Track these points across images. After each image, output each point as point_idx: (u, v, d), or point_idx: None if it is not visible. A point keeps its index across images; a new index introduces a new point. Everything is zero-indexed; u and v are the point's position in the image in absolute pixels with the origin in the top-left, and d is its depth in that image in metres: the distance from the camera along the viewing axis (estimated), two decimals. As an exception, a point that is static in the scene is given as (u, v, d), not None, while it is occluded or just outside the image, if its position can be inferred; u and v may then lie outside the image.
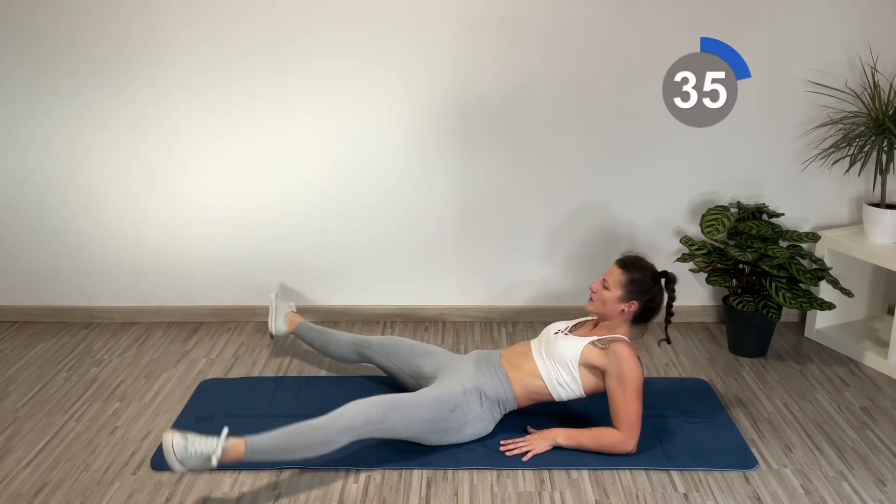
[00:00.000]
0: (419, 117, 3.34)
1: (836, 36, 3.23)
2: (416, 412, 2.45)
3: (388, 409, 2.42)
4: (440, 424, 2.47)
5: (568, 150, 3.39)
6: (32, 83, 3.28)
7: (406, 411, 2.44)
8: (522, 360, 2.62)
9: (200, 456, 2.20)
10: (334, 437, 2.35)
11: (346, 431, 2.36)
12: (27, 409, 2.84)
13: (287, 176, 3.42)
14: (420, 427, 2.45)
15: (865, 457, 2.53)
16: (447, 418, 2.48)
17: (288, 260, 3.54)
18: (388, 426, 2.41)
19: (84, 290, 3.59)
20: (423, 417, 2.45)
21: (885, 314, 3.56)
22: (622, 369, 2.46)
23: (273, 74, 3.27)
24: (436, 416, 2.46)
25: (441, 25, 3.21)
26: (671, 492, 2.35)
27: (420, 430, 2.46)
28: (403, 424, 2.43)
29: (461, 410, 2.50)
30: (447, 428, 2.49)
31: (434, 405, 2.47)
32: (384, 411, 2.41)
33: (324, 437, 2.34)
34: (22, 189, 3.44)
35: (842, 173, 3.38)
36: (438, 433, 2.49)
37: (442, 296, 3.61)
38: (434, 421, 2.46)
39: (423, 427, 2.46)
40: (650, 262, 2.62)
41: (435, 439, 2.50)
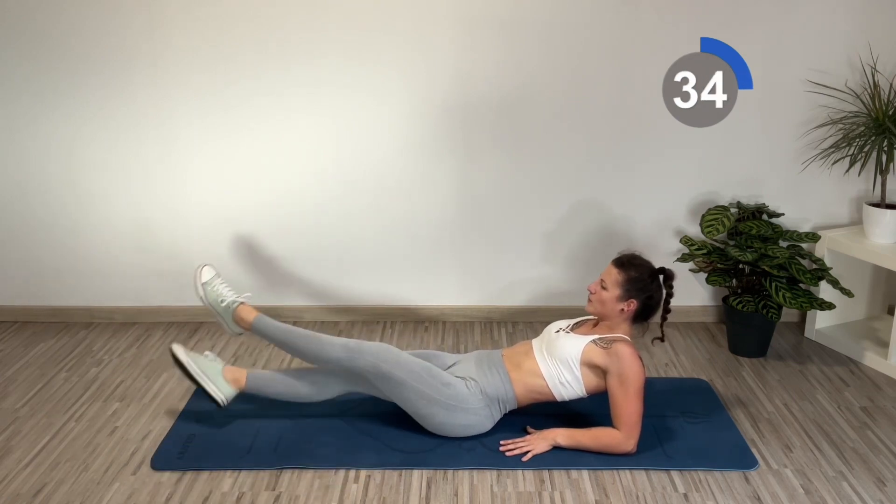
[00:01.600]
0: (419, 117, 3.34)
1: (836, 36, 3.23)
2: (412, 364, 2.54)
3: (385, 349, 2.56)
4: (430, 390, 2.51)
5: (568, 150, 3.39)
6: (32, 83, 3.28)
7: (401, 358, 2.55)
8: (524, 359, 2.62)
9: (217, 295, 2.70)
10: (328, 349, 2.55)
11: (340, 348, 2.54)
12: (27, 409, 2.84)
13: (287, 176, 3.42)
14: (410, 378, 2.50)
15: (865, 457, 2.53)
16: (438, 389, 2.51)
17: (288, 259, 3.54)
18: (380, 362, 2.52)
19: (84, 290, 3.59)
20: (416, 373, 2.52)
21: (885, 314, 3.56)
22: (624, 369, 2.46)
23: (273, 74, 3.27)
24: (427, 380, 2.52)
25: (441, 26, 3.22)
26: (671, 492, 2.35)
27: (410, 386, 2.50)
28: (394, 368, 2.52)
29: (453, 391, 2.52)
30: (436, 399, 2.51)
31: (428, 373, 2.54)
32: (381, 348, 2.55)
33: (318, 346, 2.56)
34: (22, 189, 3.44)
35: (842, 173, 3.38)
36: (428, 402, 2.51)
37: (442, 296, 3.61)
38: (424, 383, 2.51)
39: (415, 384, 2.50)
40: (647, 260, 2.62)
41: (424, 411, 2.52)
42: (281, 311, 3.58)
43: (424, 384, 2.52)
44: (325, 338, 2.60)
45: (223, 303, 2.72)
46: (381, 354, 2.55)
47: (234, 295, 2.75)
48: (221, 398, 2.62)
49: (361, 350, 2.55)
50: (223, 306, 2.73)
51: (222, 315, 2.74)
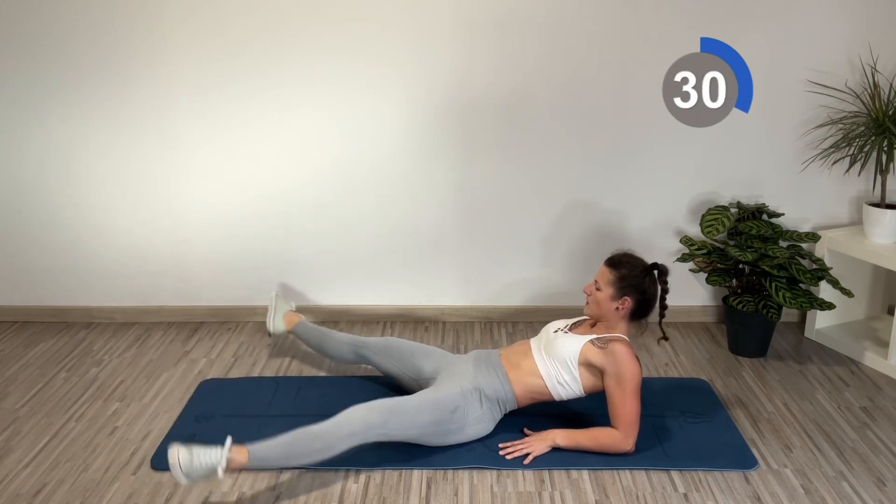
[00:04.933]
0: (419, 117, 3.34)
1: (836, 36, 3.23)
2: (416, 416, 2.44)
3: (388, 413, 2.42)
4: (441, 427, 2.47)
5: (568, 150, 3.39)
6: (32, 83, 3.28)
7: (406, 415, 2.43)
8: (522, 359, 2.62)
9: (206, 468, 2.21)
10: (335, 443, 2.35)
11: (348, 438, 2.36)
12: (27, 409, 2.84)
13: (287, 175, 3.42)
14: (421, 430, 2.45)
15: (865, 457, 2.53)
16: (448, 420, 2.48)
17: (288, 260, 3.54)
18: (389, 430, 2.41)
19: (84, 290, 3.59)
20: (423, 421, 2.45)
21: (885, 314, 3.56)
22: (620, 369, 2.46)
23: (273, 74, 3.27)
24: (436, 418, 2.46)
25: (441, 26, 3.22)
26: (671, 492, 2.35)
27: (421, 433, 2.46)
28: (404, 428, 2.43)
29: (461, 412, 2.50)
30: (448, 430, 2.49)
31: (434, 408, 2.47)
32: (385, 416, 2.41)
33: (325, 443, 2.34)
34: (22, 189, 3.44)
35: (842, 173, 3.38)
36: (440, 435, 2.49)
37: (442, 296, 3.61)
38: (435, 423, 2.46)
39: (424, 430, 2.46)
40: (639, 257, 2.62)
41: (436, 441, 2.50)
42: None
43: (436, 425, 2.47)
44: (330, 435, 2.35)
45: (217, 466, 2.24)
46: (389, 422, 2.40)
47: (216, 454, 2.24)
48: (270, 329, 3.15)
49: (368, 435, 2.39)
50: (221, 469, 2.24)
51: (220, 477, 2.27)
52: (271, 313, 3.17)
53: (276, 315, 3.17)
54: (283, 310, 3.19)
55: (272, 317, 3.17)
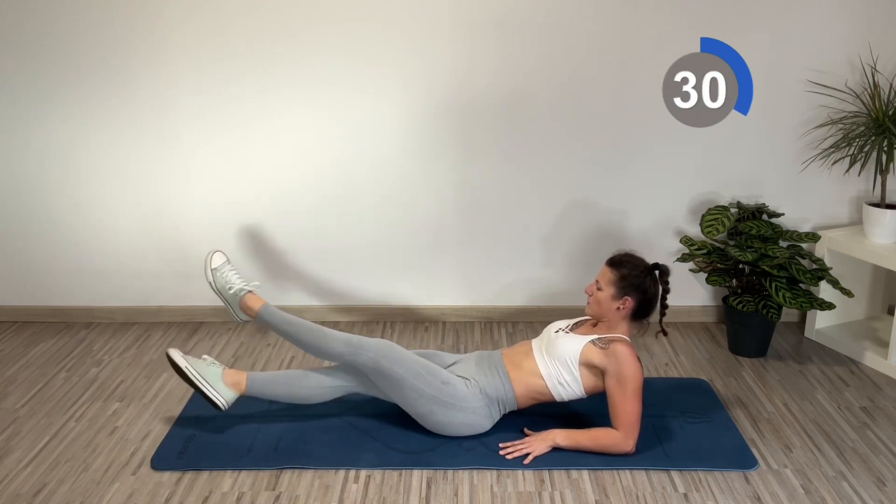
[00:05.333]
0: (419, 117, 3.34)
1: (836, 36, 3.23)
2: (411, 363, 2.55)
3: (386, 345, 2.58)
4: (429, 388, 2.51)
5: (568, 150, 3.39)
6: (31, 83, 3.28)
7: (402, 356, 2.56)
8: (524, 359, 2.62)
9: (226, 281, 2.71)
10: (329, 343, 2.59)
11: (342, 343, 2.58)
12: (27, 409, 2.84)
13: (287, 175, 3.42)
14: (409, 376, 2.52)
15: (865, 457, 2.53)
16: (437, 387, 2.52)
17: (288, 259, 3.54)
18: (380, 357, 2.54)
19: (84, 290, 3.59)
20: (414, 370, 2.53)
21: (885, 314, 3.56)
22: (622, 369, 2.46)
23: (273, 73, 3.27)
24: (426, 377, 2.53)
25: (441, 26, 3.22)
26: (671, 492, 2.35)
27: (409, 384, 2.52)
28: (394, 361, 2.54)
29: (452, 390, 2.53)
30: (435, 397, 2.51)
31: (427, 371, 2.56)
32: (382, 345, 2.57)
33: (320, 339, 2.60)
34: (21, 189, 3.44)
35: (842, 173, 3.38)
36: (427, 400, 2.51)
37: (442, 296, 3.61)
38: (424, 383, 2.52)
39: (413, 381, 2.52)
40: (640, 257, 2.62)
41: (423, 409, 2.52)
42: (281, 310, 3.57)
43: (423, 382, 2.52)
44: (329, 332, 2.64)
45: (231, 290, 2.74)
46: (382, 350, 2.56)
47: (243, 283, 2.76)
48: (222, 402, 2.59)
49: (363, 346, 2.57)
50: (231, 293, 2.74)
51: (230, 301, 2.76)
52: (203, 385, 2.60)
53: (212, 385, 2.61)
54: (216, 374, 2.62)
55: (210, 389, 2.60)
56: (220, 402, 2.59)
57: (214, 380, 2.60)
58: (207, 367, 2.62)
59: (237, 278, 2.77)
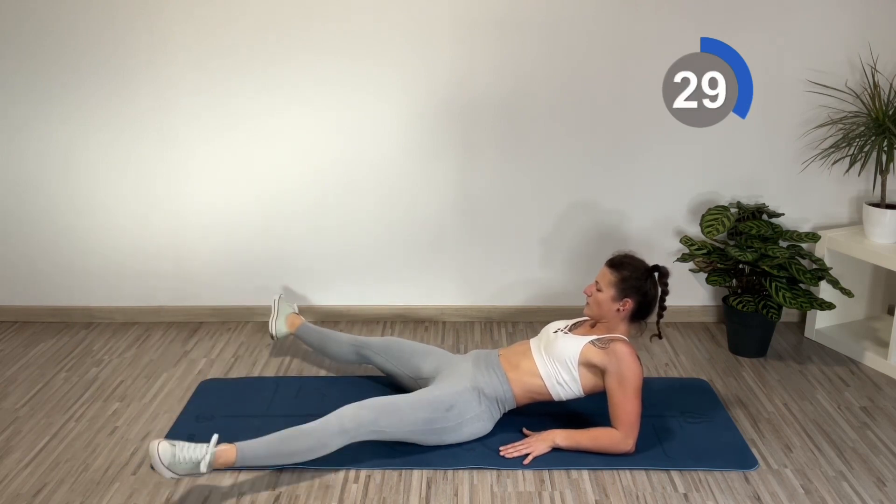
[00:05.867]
0: (419, 117, 3.34)
1: (836, 36, 3.23)
2: (409, 413, 2.45)
3: (379, 411, 2.43)
4: (436, 424, 2.47)
5: (568, 150, 3.39)
6: (31, 83, 3.28)
7: (399, 412, 2.44)
8: (522, 359, 2.62)
9: (189, 462, 2.23)
10: (326, 440, 2.36)
11: (339, 435, 2.37)
12: (27, 409, 2.84)
13: (287, 175, 3.42)
14: (414, 427, 2.45)
15: (865, 457, 2.53)
16: (443, 418, 2.48)
17: (288, 260, 3.54)
18: (381, 428, 2.42)
19: (84, 290, 3.59)
20: (417, 418, 2.45)
21: (885, 314, 3.56)
22: (622, 369, 2.46)
23: (273, 73, 3.27)
24: (430, 415, 2.46)
25: (441, 26, 3.21)
26: (671, 492, 2.35)
27: (415, 431, 2.46)
28: (396, 425, 2.43)
29: (457, 410, 2.50)
30: (444, 427, 2.49)
31: (429, 406, 2.48)
32: (376, 413, 2.42)
33: (316, 441, 2.35)
34: (22, 189, 3.44)
35: (842, 173, 3.38)
36: (436, 433, 2.49)
37: (442, 296, 3.61)
38: (429, 421, 2.46)
39: (418, 427, 2.46)
40: (640, 259, 2.62)
41: (432, 439, 2.50)
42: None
43: (431, 423, 2.47)
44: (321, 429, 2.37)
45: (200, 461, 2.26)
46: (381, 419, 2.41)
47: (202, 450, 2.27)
48: (273, 332, 3.13)
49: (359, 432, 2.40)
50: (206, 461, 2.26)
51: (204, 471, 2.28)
52: (273, 316, 3.17)
53: (278, 318, 3.16)
54: (285, 312, 3.18)
55: (274, 319, 3.16)
56: (272, 331, 3.14)
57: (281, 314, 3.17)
58: (285, 305, 3.20)
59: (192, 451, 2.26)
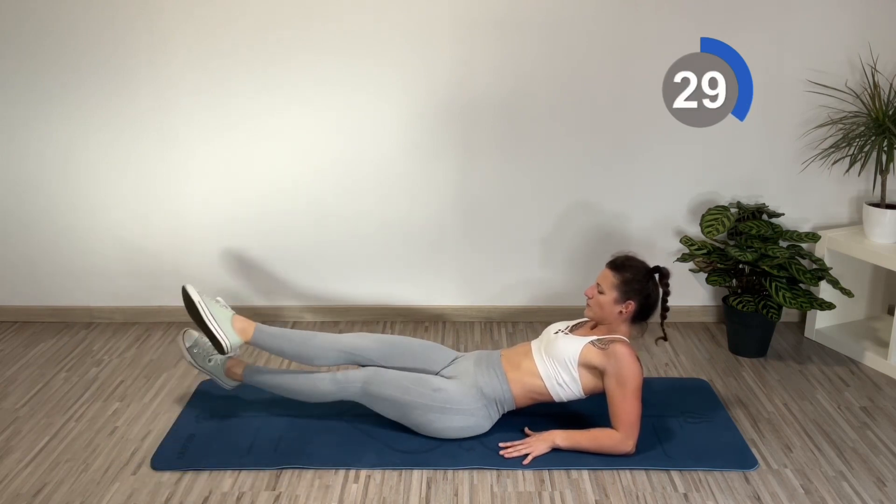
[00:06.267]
0: (420, 117, 3.34)
1: (836, 36, 3.23)
2: (397, 379, 2.56)
3: (371, 373, 2.59)
4: (422, 399, 2.51)
5: (568, 151, 3.39)
6: (31, 83, 3.28)
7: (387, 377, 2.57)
8: (522, 359, 2.62)
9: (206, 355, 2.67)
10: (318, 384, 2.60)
11: (331, 382, 2.59)
12: (27, 409, 2.84)
13: (287, 175, 3.42)
14: (398, 391, 2.53)
15: (865, 457, 2.53)
16: (430, 396, 2.52)
17: (288, 260, 3.54)
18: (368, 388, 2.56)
19: (84, 290, 3.59)
20: (404, 385, 2.54)
21: (885, 314, 3.56)
22: (621, 370, 2.46)
23: (272, 74, 3.27)
24: (416, 386, 2.53)
25: (441, 26, 3.21)
26: (671, 492, 2.35)
27: (399, 395, 2.53)
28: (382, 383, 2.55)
29: (446, 393, 2.53)
30: (430, 406, 2.51)
31: (417, 379, 2.56)
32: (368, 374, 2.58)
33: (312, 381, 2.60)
34: (21, 189, 3.44)
35: (842, 173, 3.38)
36: (421, 410, 2.51)
37: (442, 296, 3.61)
38: (414, 390, 2.52)
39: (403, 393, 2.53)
40: (641, 260, 2.62)
41: (419, 417, 2.52)
42: (281, 311, 3.58)
43: (415, 395, 2.53)
44: (316, 375, 2.65)
45: (211, 361, 2.75)
46: (368, 377, 2.59)
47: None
48: (227, 344, 2.55)
49: (349, 379, 2.60)
50: (212, 365, 2.75)
51: (213, 373, 2.76)
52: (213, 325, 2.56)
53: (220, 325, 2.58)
54: (226, 316, 2.61)
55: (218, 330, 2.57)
56: (225, 344, 2.56)
57: (223, 321, 2.57)
58: (219, 308, 2.60)
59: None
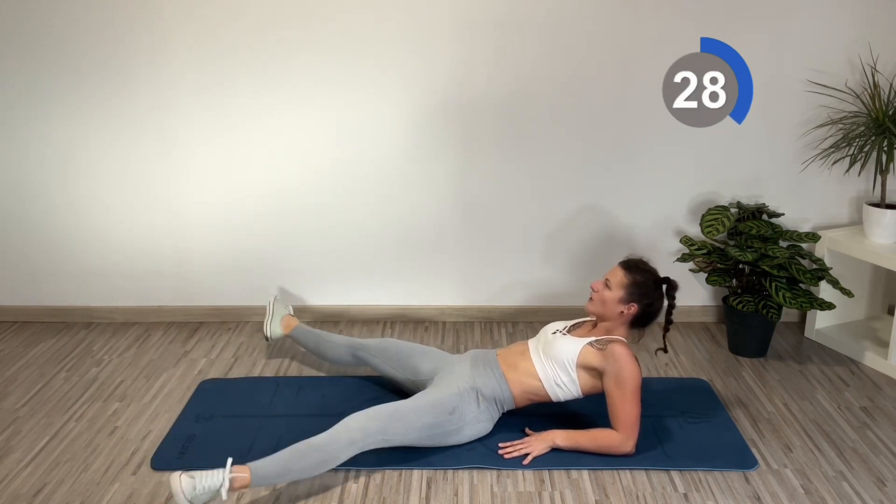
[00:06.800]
0: (420, 117, 3.34)
1: (836, 36, 3.23)
2: (415, 419, 2.44)
3: (386, 419, 2.41)
4: (440, 429, 2.47)
5: (568, 150, 3.39)
6: (31, 83, 3.28)
7: (405, 419, 2.42)
8: (520, 359, 2.62)
9: (210, 491, 2.18)
10: (336, 454, 2.33)
11: (348, 447, 2.35)
12: (27, 409, 2.84)
13: (287, 175, 3.42)
14: (420, 433, 2.45)
15: (865, 457, 2.53)
16: (446, 421, 2.48)
17: (288, 259, 3.54)
18: (388, 436, 2.40)
19: (84, 290, 3.59)
20: (422, 423, 2.44)
21: (885, 314, 3.56)
22: (620, 370, 2.45)
23: (272, 74, 3.27)
24: (434, 420, 2.46)
25: (441, 26, 3.21)
26: (671, 492, 2.35)
27: (420, 436, 2.46)
28: (403, 432, 2.42)
29: (459, 412, 2.50)
30: (446, 431, 2.49)
31: (432, 410, 2.47)
32: (383, 422, 2.40)
33: (326, 455, 2.32)
34: (21, 189, 3.44)
35: (842, 173, 3.38)
36: (439, 437, 2.49)
37: (442, 296, 3.61)
38: (433, 426, 2.46)
39: (423, 433, 2.45)
40: (653, 267, 2.62)
41: (435, 442, 2.50)
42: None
43: (435, 428, 2.46)
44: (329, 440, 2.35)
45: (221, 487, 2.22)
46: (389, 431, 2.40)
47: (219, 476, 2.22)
48: (268, 333, 3.12)
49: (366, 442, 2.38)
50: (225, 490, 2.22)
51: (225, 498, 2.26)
52: (269, 317, 3.17)
53: (273, 319, 3.16)
54: (280, 314, 3.18)
55: (269, 321, 3.16)
56: (267, 333, 3.14)
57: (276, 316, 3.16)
58: (280, 307, 3.20)
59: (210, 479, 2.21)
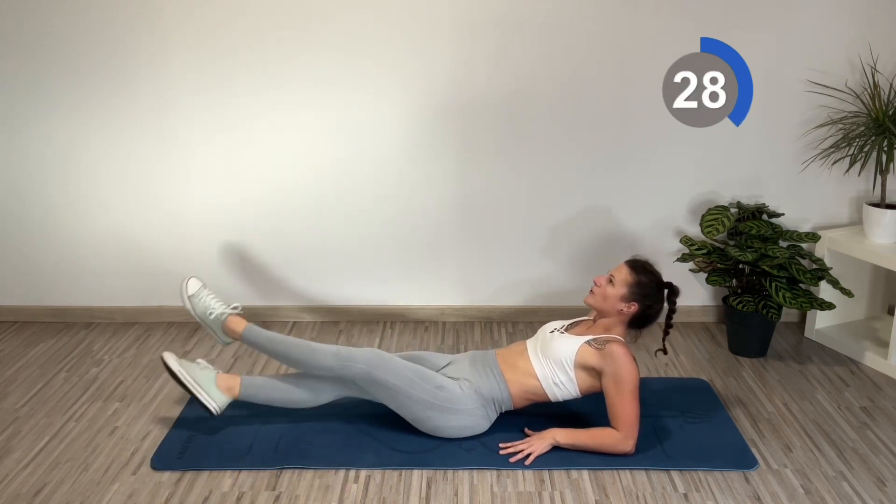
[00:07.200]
0: (419, 117, 3.34)
1: (836, 36, 3.23)
2: (401, 367, 2.53)
3: (376, 355, 2.56)
4: (424, 394, 2.50)
5: (568, 150, 3.39)
6: (31, 83, 3.28)
7: (391, 362, 2.55)
8: (518, 359, 2.62)
9: (205, 307, 2.66)
10: (320, 358, 2.55)
11: (333, 357, 2.54)
12: (27, 409, 2.84)
13: (287, 175, 3.42)
14: (403, 384, 2.51)
15: (865, 457, 2.53)
16: (432, 393, 2.51)
17: (288, 259, 3.54)
18: (372, 368, 2.52)
19: (84, 290, 3.59)
20: (407, 377, 2.51)
21: (885, 314, 3.56)
22: (618, 370, 2.46)
23: (272, 74, 3.27)
24: (420, 381, 2.52)
25: (441, 26, 3.22)
26: (671, 492, 2.36)
27: (399, 387, 2.50)
28: (386, 371, 2.52)
29: (447, 392, 2.52)
30: (430, 403, 2.50)
31: (420, 376, 2.54)
32: (372, 355, 2.55)
33: (312, 353, 2.56)
34: (21, 189, 3.44)
35: (842, 173, 3.38)
36: (421, 405, 2.51)
37: (442, 296, 3.61)
38: (419, 388, 2.50)
39: (407, 388, 2.51)
40: (658, 270, 2.63)
41: (418, 412, 2.52)
42: (281, 311, 3.58)
43: (418, 389, 2.52)
44: (317, 346, 2.61)
45: (212, 315, 2.71)
46: (373, 361, 2.54)
47: (223, 306, 2.72)
48: (214, 407, 2.59)
49: (352, 358, 2.55)
50: (212, 318, 2.71)
51: (212, 326, 2.73)
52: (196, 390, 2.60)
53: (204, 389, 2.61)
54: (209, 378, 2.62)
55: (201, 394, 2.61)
56: (213, 408, 2.59)
57: (208, 384, 2.60)
58: (201, 372, 2.62)
59: (216, 302, 2.72)
